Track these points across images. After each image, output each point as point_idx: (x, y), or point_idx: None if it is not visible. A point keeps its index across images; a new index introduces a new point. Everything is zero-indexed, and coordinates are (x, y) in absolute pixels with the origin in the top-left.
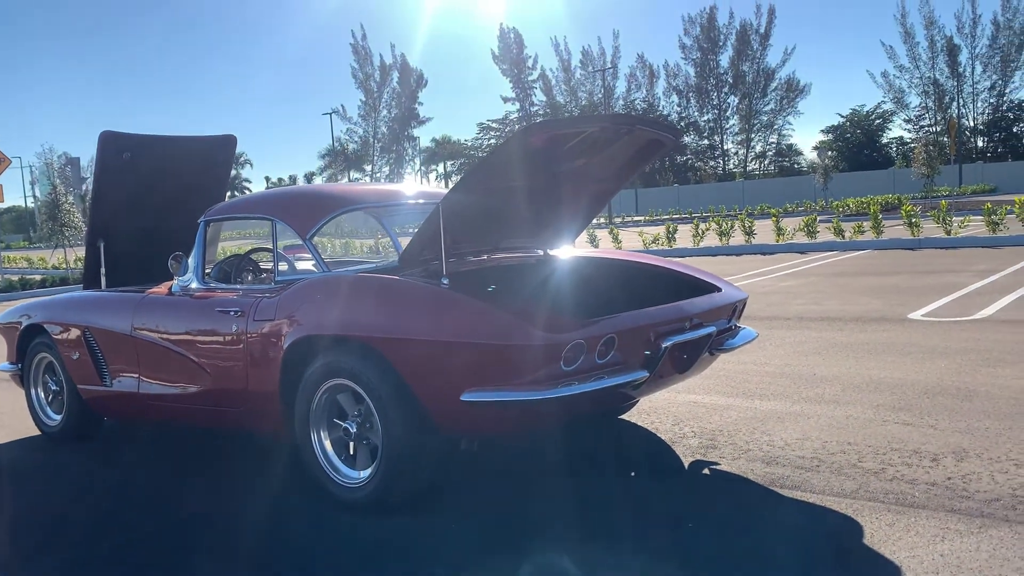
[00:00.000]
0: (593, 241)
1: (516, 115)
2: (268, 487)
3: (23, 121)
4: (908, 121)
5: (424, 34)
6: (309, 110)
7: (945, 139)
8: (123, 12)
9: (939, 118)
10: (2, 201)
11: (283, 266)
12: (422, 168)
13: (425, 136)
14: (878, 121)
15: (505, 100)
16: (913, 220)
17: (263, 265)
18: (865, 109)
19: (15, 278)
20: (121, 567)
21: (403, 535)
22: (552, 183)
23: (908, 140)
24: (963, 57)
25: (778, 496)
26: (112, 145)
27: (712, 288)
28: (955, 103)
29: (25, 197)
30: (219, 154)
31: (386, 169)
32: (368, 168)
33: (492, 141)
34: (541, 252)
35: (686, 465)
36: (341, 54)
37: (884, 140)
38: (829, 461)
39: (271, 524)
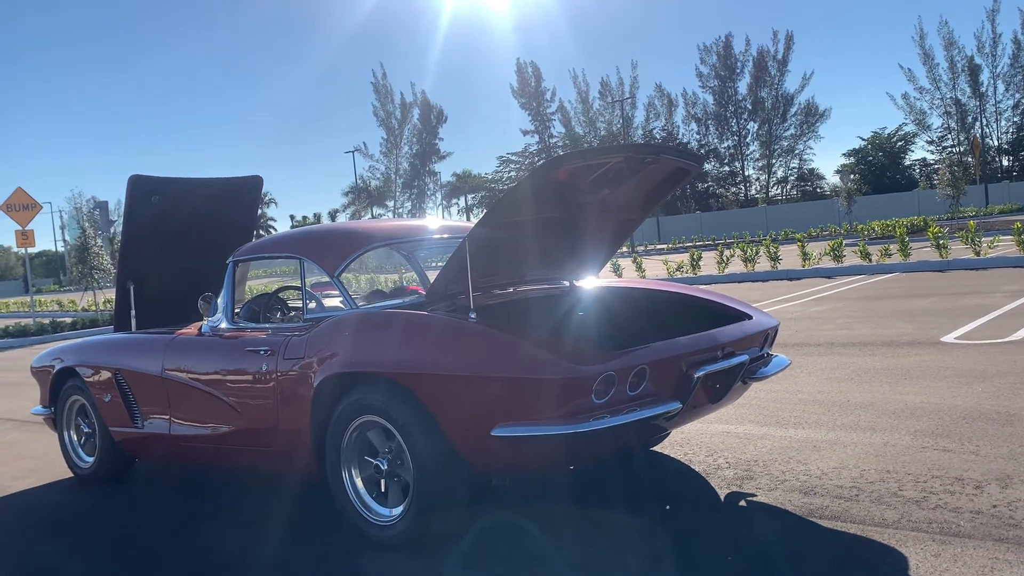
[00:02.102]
0: (617, 270)
1: (536, 147)
2: (301, 526)
3: (52, 166)
4: (931, 142)
5: (442, 70)
6: (332, 149)
7: (969, 159)
8: (147, 56)
9: (962, 138)
10: (33, 246)
11: (311, 304)
12: (443, 202)
13: (446, 171)
14: (900, 143)
15: (524, 133)
16: (941, 242)
17: (291, 303)
18: (887, 131)
19: (47, 321)
20: None
21: (435, 570)
22: (577, 214)
23: (931, 161)
24: (984, 76)
25: (818, 527)
26: (140, 188)
27: (742, 316)
28: (978, 123)
29: (55, 241)
30: (245, 194)
31: (408, 204)
32: (390, 204)
33: (512, 174)
34: (567, 283)
35: (722, 497)
36: (363, 93)
37: (907, 162)
38: (868, 490)
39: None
